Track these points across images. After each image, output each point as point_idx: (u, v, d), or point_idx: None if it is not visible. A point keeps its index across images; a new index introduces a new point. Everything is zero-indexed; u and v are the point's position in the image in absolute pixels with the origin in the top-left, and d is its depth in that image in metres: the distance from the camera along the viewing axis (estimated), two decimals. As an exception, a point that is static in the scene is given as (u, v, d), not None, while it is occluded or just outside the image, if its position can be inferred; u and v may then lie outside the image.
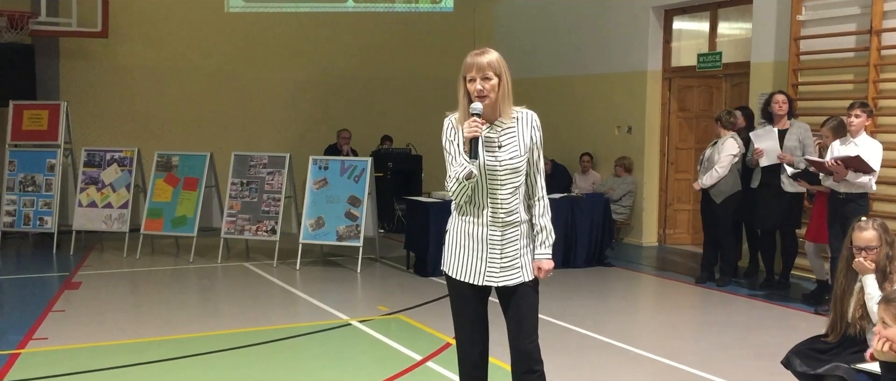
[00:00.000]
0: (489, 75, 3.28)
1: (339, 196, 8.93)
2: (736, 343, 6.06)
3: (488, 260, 3.39)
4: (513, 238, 3.40)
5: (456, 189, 3.34)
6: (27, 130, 10.14)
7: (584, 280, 8.45)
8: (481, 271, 3.40)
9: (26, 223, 9.90)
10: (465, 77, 3.30)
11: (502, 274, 3.41)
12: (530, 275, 3.46)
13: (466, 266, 3.42)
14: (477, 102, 3.27)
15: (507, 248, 3.39)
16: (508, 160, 3.34)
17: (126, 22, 11.40)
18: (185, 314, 6.87)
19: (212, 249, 9.57)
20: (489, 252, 3.38)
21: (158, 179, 9.65)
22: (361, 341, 6.03)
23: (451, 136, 3.36)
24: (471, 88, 3.28)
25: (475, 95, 3.27)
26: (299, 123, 12.63)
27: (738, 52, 10.04)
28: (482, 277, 3.41)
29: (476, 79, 3.27)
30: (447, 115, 3.43)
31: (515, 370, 3.50)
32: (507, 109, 3.34)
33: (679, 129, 10.90)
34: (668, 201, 11.02)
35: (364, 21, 12.97)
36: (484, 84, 3.27)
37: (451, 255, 3.46)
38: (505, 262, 3.40)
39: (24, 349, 5.58)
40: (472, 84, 3.28)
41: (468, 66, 3.29)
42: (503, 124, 3.36)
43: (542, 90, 12.42)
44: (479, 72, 3.27)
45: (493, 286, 3.44)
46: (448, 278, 3.50)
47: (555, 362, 5.45)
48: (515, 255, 3.41)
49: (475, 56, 3.30)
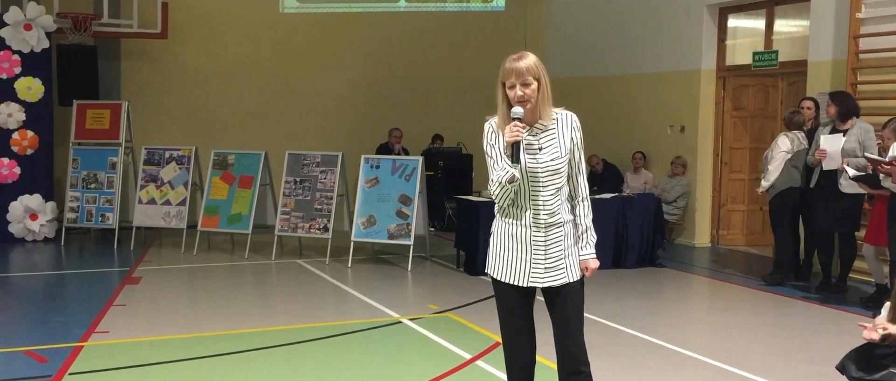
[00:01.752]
0: (528, 80, 3.29)
1: (390, 195, 9.02)
2: (790, 347, 5.97)
3: (532, 261, 3.41)
4: (556, 239, 3.42)
5: (499, 193, 3.37)
6: (90, 128, 10.45)
7: (635, 281, 8.40)
8: (526, 272, 3.43)
9: (89, 220, 10.21)
10: (503, 83, 3.32)
11: (547, 275, 3.43)
12: (576, 275, 3.48)
13: (511, 268, 3.45)
14: (517, 106, 3.29)
15: (550, 248, 3.41)
16: (549, 162, 3.36)
17: (185, 23, 11.67)
18: (240, 310, 7.02)
19: (266, 246, 9.75)
20: (533, 253, 3.41)
21: (215, 178, 9.86)
22: (412, 338, 6.09)
23: (491, 140, 3.40)
24: (511, 94, 3.30)
25: (515, 100, 3.29)
26: (351, 122, 12.77)
27: (795, 50, 9.86)
28: (527, 278, 3.43)
29: (516, 84, 3.29)
30: (487, 119, 3.46)
31: (561, 370, 3.51)
32: (546, 111, 3.36)
33: (733, 128, 10.74)
34: (722, 201, 10.87)
35: (415, 21, 13.06)
36: (524, 90, 3.29)
37: (495, 257, 3.50)
38: (549, 263, 3.42)
39: (87, 342, 5.77)
40: (512, 90, 3.30)
41: (507, 71, 3.31)
42: (543, 127, 3.38)
43: (594, 89, 12.36)
44: (518, 77, 3.28)
45: (539, 287, 3.46)
46: (493, 280, 3.53)
47: (605, 363, 5.45)
48: (560, 255, 3.43)
49: (513, 61, 3.31)
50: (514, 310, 3.49)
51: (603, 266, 8.84)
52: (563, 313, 3.47)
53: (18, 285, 8.12)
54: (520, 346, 3.51)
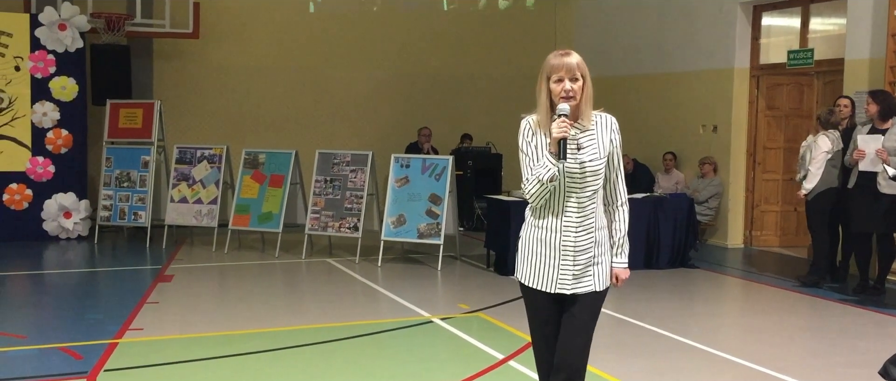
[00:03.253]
0: (576, 75, 3.23)
1: (420, 194, 9.01)
2: (827, 349, 5.87)
3: (561, 267, 3.32)
4: (586, 246, 3.32)
5: (537, 191, 3.26)
6: (123, 127, 10.56)
7: (667, 282, 8.31)
8: (554, 278, 3.34)
9: (121, 218, 10.31)
10: (548, 77, 3.25)
11: (575, 282, 3.33)
12: (603, 285, 3.39)
13: (539, 273, 3.36)
14: (563, 102, 3.22)
15: (579, 256, 3.31)
16: (588, 163, 3.27)
17: (216, 23, 11.76)
18: (271, 308, 7.04)
19: (296, 244, 9.79)
20: (562, 259, 3.31)
21: (246, 176, 9.92)
22: (443, 338, 6.07)
23: (529, 138, 3.32)
24: (557, 88, 3.23)
25: (561, 95, 3.22)
26: (381, 122, 12.78)
27: (831, 48, 9.70)
28: (554, 284, 3.34)
29: (564, 79, 3.22)
30: (523, 116, 3.38)
31: (555, 376, 3.38)
32: (587, 112, 3.30)
33: (767, 128, 10.60)
34: (756, 201, 10.73)
35: (444, 21, 13.03)
36: (572, 84, 3.23)
37: (524, 262, 3.41)
38: (577, 270, 3.32)
39: (122, 338, 5.82)
40: (559, 84, 3.22)
41: (554, 66, 3.24)
42: (583, 127, 3.31)
43: (624, 89, 12.27)
44: (568, 72, 3.22)
45: (566, 294, 3.35)
46: (522, 285, 3.45)
47: (637, 364, 5.39)
48: (588, 263, 3.33)
49: (561, 56, 3.25)
50: (543, 316, 3.41)
51: (634, 266, 8.77)
52: (575, 319, 3.37)
53: (53, 283, 8.22)
54: (550, 351, 3.41)
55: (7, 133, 10.13)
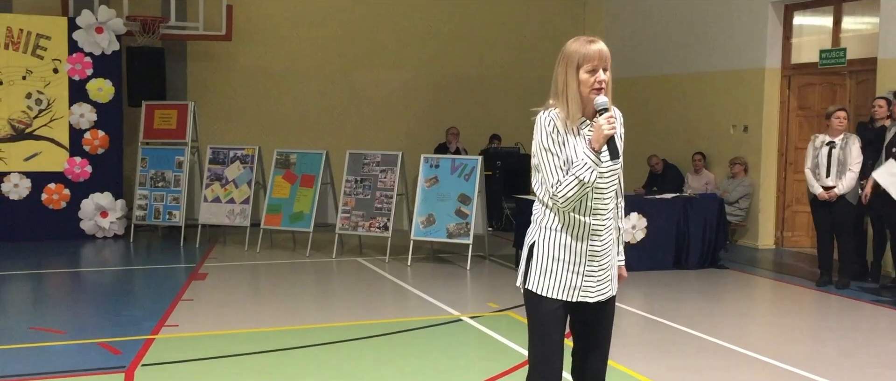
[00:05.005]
0: (607, 66, 2.98)
1: (449, 194, 9.07)
2: (860, 350, 5.84)
3: (586, 274, 3.08)
4: (609, 249, 3.14)
5: (575, 194, 2.97)
6: (158, 128, 10.74)
7: (697, 282, 8.30)
8: (577, 286, 3.08)
9: (156, 217, 10.50)
10: (578, 66, 2.96)
11: (598, 288, 3.11)
12: (616, 287, 3.22)
13: (562, 282, 3.08)
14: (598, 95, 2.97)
15: (603, 259, 3.11)
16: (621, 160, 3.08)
17: (248, 26, 11.91)
18: (302, 306, 7.15)
19: (327, 244, 9.90)
20: (587, 266, 3.08)
21: (277, 176, 10.04)
22: (472, 336, 6.13)
23: (555, 135, 3.01)
24: (591, 80, 2.96)
25: (595, 87, 2.96)
26: (410, 122, 12.87)
27: (864, 48, 9.61)
28: (578, 292, 3.09)
29: (598, 69, 2.96)
30: (537, 111, 3.10)
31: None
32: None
33: (799, 128, 10.52)
34: (787, 202, 10.65)
35: (473, 21, 13.10)
36: (605, 75, 2.97)
37: (540, 271, 3.10)
38: (602, 274, 3.11)
39: (158, 334, 5.94)
40: (594, 75, 2.96)
41: (587, 55, 2.96)
42: None
43: (654, 89, 12.24)
44: (602, 61, 2.96)
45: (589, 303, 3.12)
46: (533, 296, 3.13)
47: (667, 363, 5.41)
48: (609, 265, 3.15)
49: (589, 44, 2.97)
50: (557, 329, 3.12)
51: (664, 266, 8.84)
52: (597, 329, 3.19)
53: (91, 281, 8.40)
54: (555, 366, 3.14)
55: (45, 134, 10.35)
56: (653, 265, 8.72)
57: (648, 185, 11.62)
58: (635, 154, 12.38)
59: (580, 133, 3.03)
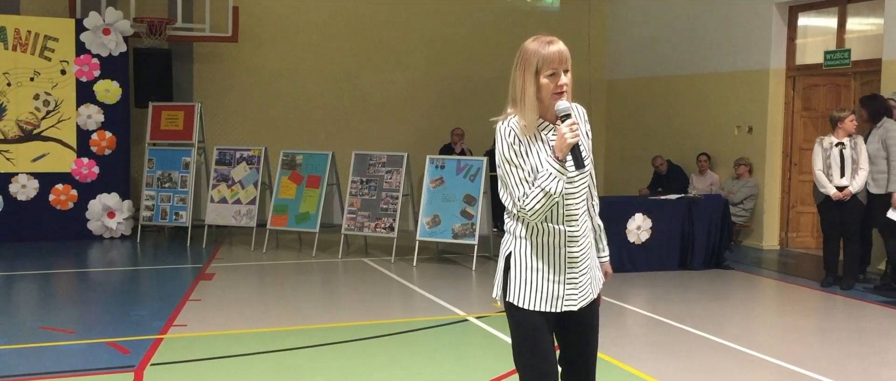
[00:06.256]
0: (568, 68, 2.82)
1: (455, 195, 9.11)
2: (866, 351, 5.86)
3: (567, 282, 2.94)
4: (588, 252, 3.00)
5: (542, 206, 2.82)
6: (165, 129, 10.79)
7: (702, 283, 8.32)
8: (560, 295, 2.94)
9: (163, 218, 10.55)
10: (537, 70, 2.80)
11: (581, 295, 2.97)
12: (599, 287, 3.10)
13: (543, 293, 2.93)
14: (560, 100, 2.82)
15: (584, 263, 2.97)
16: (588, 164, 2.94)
17: (254, 27, 11.96)
18: (309, 306, 7.19)
19: (333, 244, 9.94)
20: (567, 274, 2.93)
21: (283, 177, 10.09)
22: (478, 336, 6.16)
23: (516, 146, 2.85)
24: (551, 84, 2.81)
25: (556, 91, 2.81)
26: (415, 123, 12.90)
27: (869, 49, 9.62)
28: (561, 302, 2.94)
29: (559, 72, 2.81)
30: (495, 120, 2.97)
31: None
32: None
33: (803, 128, 10.54)
34: (791, 202, 10.67)
35: (477, 23, 13.13)
36: (566, 78, 2.82)
37: (519, 283, 2.95)
38: (583, 279, 2.97)
39: (166, 334, 5.99)
40: (553, 78, 2.80)
41: (547, 58, 2.79)
42: None
43: (658, 90, 12.26)
44: (562, 64, 2.80)
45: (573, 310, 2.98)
46: (516, 309, 2.97)
47: (674, 364, 5.43)
48: (588, 268, 3.00)
49: (548, 44, 2.80)
50: (544, 341, 2.97)
51: (669, 267, 8.85)
52: (584, 336, 3.07)
53: (99, 281, 8.45)
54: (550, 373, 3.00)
55: (53, 135, 10.41)
56: (658, 266, 8.74)
57: (653, 186, 11.64)
58: (640, 155, 12.41)
59: (544, 139, 2.89)
